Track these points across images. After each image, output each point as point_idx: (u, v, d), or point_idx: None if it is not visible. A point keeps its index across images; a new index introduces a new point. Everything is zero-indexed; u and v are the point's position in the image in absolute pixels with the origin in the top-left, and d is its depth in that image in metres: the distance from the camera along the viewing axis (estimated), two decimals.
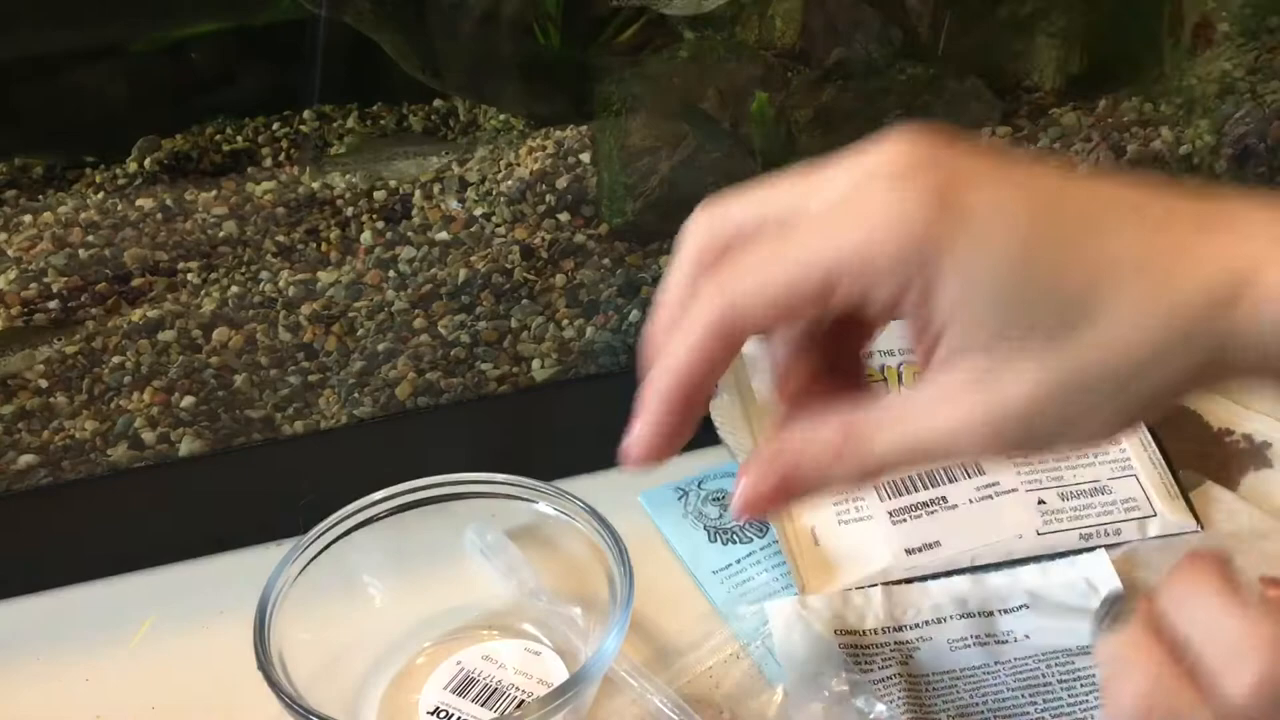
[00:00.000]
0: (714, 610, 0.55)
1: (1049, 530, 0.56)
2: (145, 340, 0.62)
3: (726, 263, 0.34)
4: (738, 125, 0.65)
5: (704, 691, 0.51)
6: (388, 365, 0.63)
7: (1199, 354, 0.32)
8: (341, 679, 0.52)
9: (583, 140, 0.65)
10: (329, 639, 0.52)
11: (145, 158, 0.67)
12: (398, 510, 0.54)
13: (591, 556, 0.52)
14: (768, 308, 0.33)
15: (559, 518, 0.54)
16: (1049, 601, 0.53)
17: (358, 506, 0.53)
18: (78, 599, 0.59)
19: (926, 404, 0.33)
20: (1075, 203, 0.32)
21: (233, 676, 0.53)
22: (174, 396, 0.61)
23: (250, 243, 0.64)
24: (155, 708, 0.54)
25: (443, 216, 0.65)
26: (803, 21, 0.66)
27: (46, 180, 0.66)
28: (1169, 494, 0.57)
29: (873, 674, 0.50)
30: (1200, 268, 0.31)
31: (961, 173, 0.32)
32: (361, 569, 0.54)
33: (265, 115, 0.68)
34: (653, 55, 0.66)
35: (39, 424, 0.60)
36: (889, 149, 0.33)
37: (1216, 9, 0.70)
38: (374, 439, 0.63)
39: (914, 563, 0.55)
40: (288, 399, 0.62)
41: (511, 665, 0.53)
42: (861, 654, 0.51)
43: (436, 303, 0.64)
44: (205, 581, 0.60)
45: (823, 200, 0.33)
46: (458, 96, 0.69)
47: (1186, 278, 0.31)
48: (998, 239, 0.31)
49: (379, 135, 0.69)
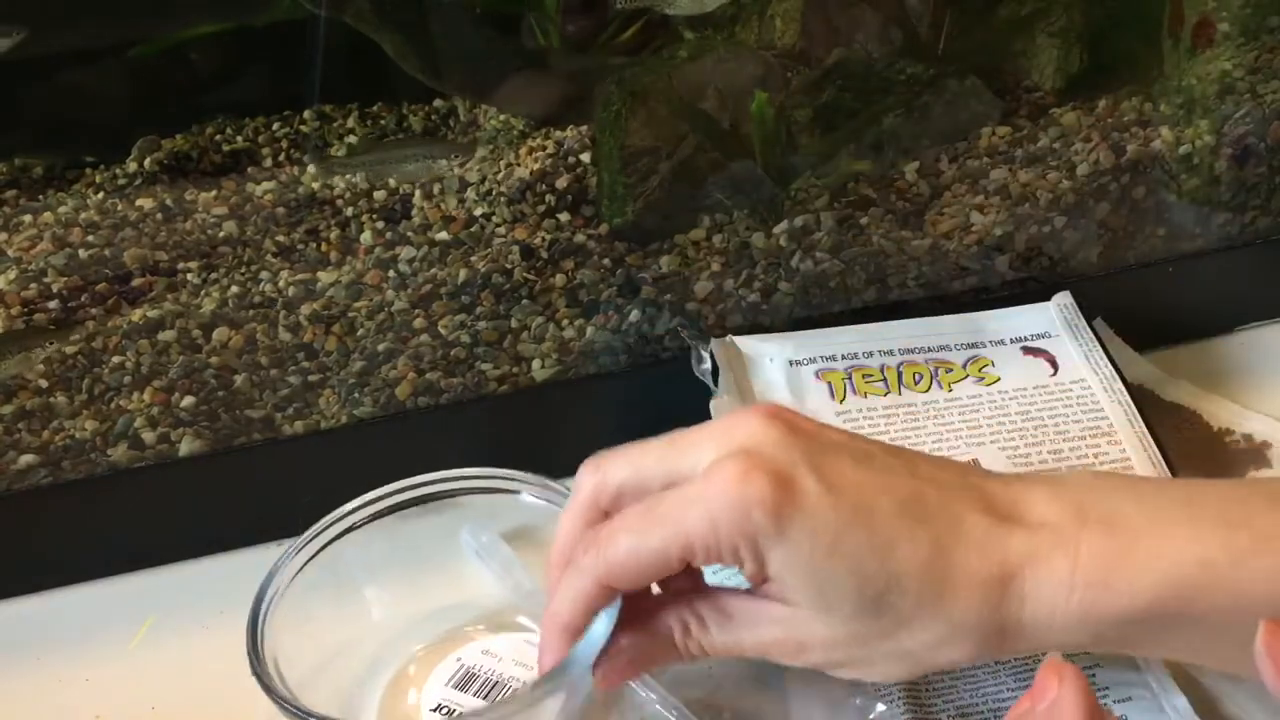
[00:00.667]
0: None
1: None
2: (145, 340, 0.62)
3: (605, 530, 0.43)
4: (738, 125, 0.65)
5: (704, 692, 0.51)
6: (388, 365, 0.63)
7: (977, 637, 0.41)
8: (338, 680, 0.52)
9: (583, 140, 0.65)
10: (324, 642, 0.52)
11: (145, 158, 0.67)
12: (391, 510, 0.54)
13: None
14: (637, 574, 0.42)
15: (549, 508, 0.53)
16: None
17: (349, 509, 0.53)
18: (78, 599, 0.59)
19: (754, 619, 0.43)
20: (882, 512, 0.40)
21: (232, 676, 0.53)
22: (174, 396, 0.61)
23: (250, 243, 0.64)
24: (155, 708, 0.54)
25: (443, 216, 0.65)
26: (802, 21, 0.66)
27: (46, 180, 0.66)
28: None
29: None
30: (979, 567, 0.40)
31: (800, 467, 0.41)
32: (356, 571, 0.54)
33: (265, 115, 0.68)
34: (653, 55, 0.66)
35: (39, 424, 0.60)
36: (747, 431, 0.42)
37: (1216, 9, 0.70)
38: (374, 439, 0.63)
39: None
40: (288, 399, 0.62)
41: (511, 658, 0.53)
42: None
43: (436, 303, 0.64)
44: (205, 581, 0.60)
45: (688, 468, 0.42)
46: (458, 96, 0.69)
47: (964, 583, 0.40)
48: (817, 537, 0.40)
49: (382, 137, 0.69)
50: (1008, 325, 0.64)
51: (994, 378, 0.62)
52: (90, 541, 0.60)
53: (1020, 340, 0.64)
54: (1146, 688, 0.48)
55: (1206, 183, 0.70)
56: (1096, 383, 0.61)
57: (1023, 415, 0.60)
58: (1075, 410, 0.60)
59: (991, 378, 0.62)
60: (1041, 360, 0.63)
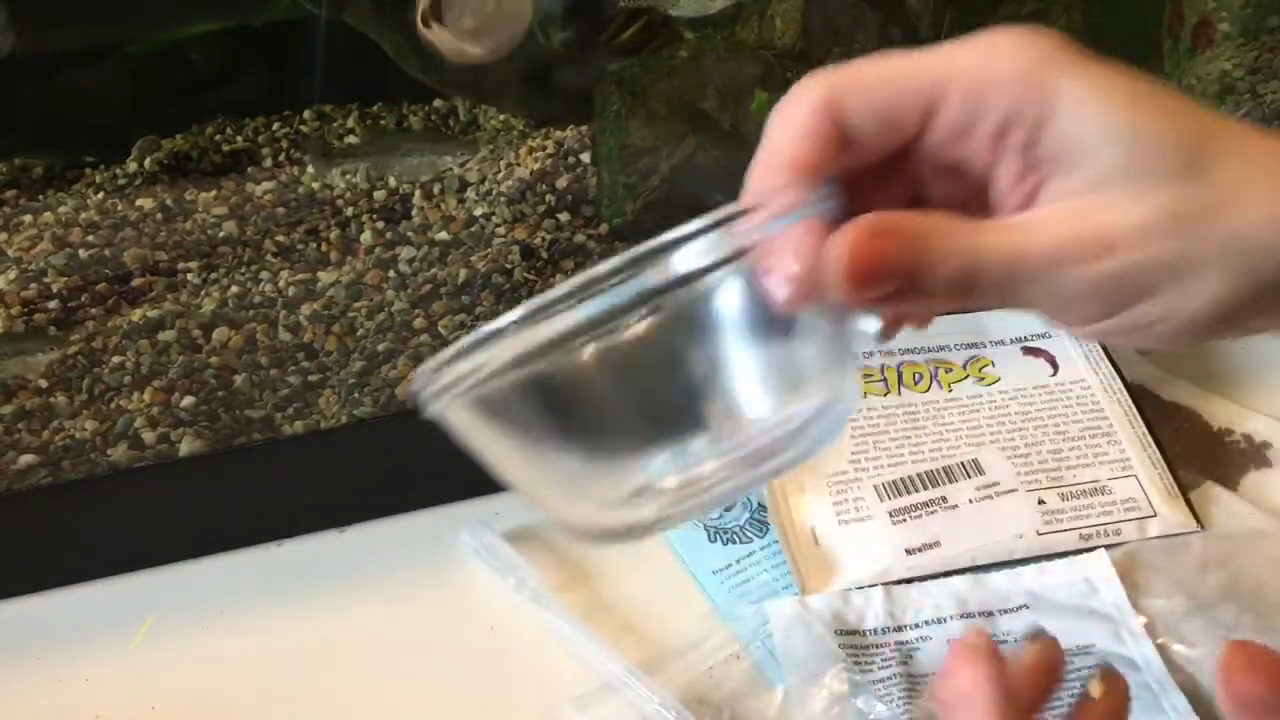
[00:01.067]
0: (714, 610, 0.55)
1: (1049, 530, 0.56)
2: (145, 340, 0.62)
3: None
4: (738, 125, 0.65)
5: (704, 692, 0.51)
6: (388, 365, 0.63)
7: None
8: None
9: (583, 140, 0.65)
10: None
11: (145, 158, 0.67)
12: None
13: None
14: (869, 101, 0.31)
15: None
16: (1049, 602, 0.53)
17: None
18: (78, 599, 0.59)
19: (1028, 224, 0.30)
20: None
21: (232, 677, 0.53)
22: (174, 396, 0.61)
23: (250, 243, 0.64)
24: (155, 708, 0.54)
25: (443, 216, 0.65)
26: (803, 21, 0.66)
27: (46, 180, 0.66)
28: (1169, 494, 0.57)
29: (873, 674, 0.50)
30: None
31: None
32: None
33: (265, 115, 0.68)
34: (653, 55, 0.66)
35: (39, 424, 0.60)
36: (1014, 30, 0.31)
37: (1216, 9, 0.70)
38: (374, 439, 0.63)
39: (914, 563, 0.55)
40: (288, 399, 0.62)
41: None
42: (861, 654, 0.51)
43: (437, 303, 0.64)
44: (205, 581, 0.60)
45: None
46: (458, 96, 0.69)
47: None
48: (1119, 81, 0.30)
49: (384, 134, 0.69)
50: (1008, 325, 0.64)
51: (994, 378, 0.62)
52: (90, 541, 0.60)
53: (1020, 340, 0.64)
54: (1147, 688, 0.48)
55: None
56: (1096, 383, 0.61)
57: (1023, 415, 0.60)
58: (1075, 410, 0.60)
59: (991, 378, 0.62)
60: (1041, 360, 0.63)
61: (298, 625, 0.56)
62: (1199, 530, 0.56)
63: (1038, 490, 0.57)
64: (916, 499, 0.57)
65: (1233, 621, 0.51)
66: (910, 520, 0.56)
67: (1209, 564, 0.53)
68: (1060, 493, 0.57)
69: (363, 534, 0.60)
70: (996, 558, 0.55)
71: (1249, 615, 0.51)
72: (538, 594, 0.55)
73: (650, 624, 0.55)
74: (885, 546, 0.55)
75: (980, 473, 0.58)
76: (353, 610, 0.56)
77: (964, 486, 0.57)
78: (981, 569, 0.55)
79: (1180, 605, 0.52)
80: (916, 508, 0.57)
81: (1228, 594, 0.52)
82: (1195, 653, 0.50)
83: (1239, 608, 0.52)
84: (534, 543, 0.57)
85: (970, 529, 0.56)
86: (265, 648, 0.55)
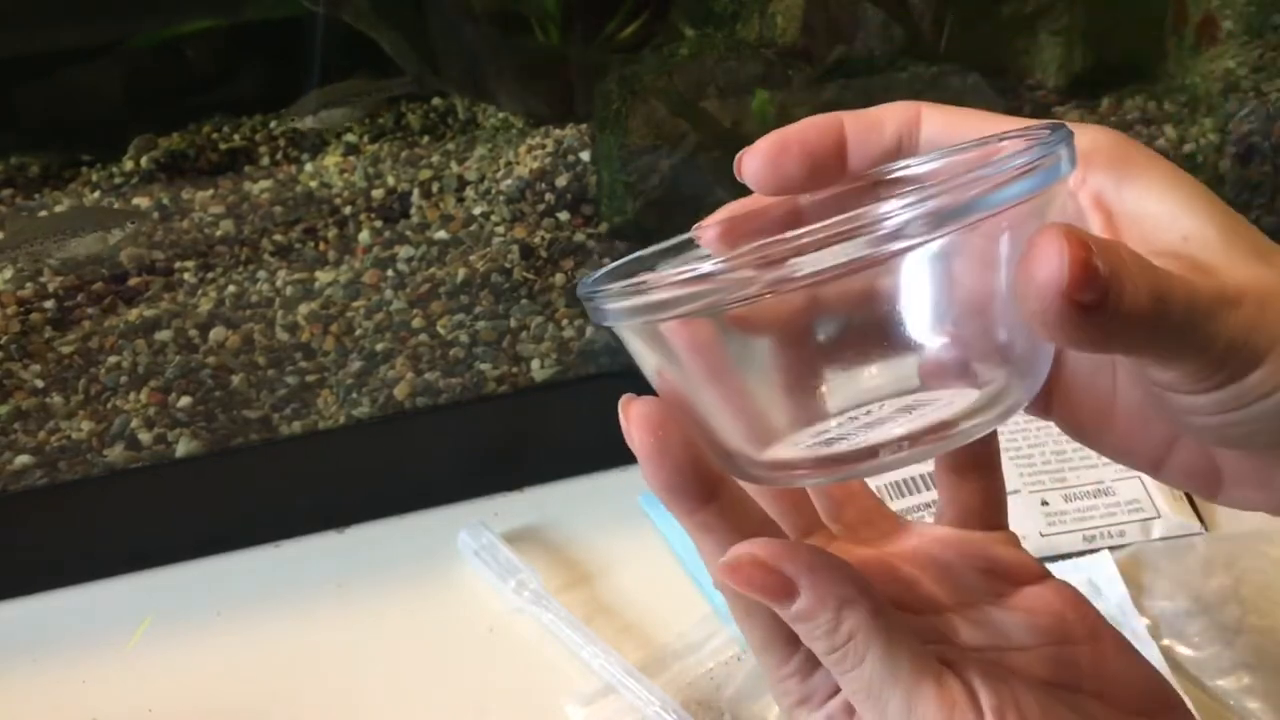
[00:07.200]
0: (715, 612, 0.55)
1: (1053, 532, 0.56)
2: (142, 340, 0.61)
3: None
4: (738, 124, 0.65)
5: (705, 694, 0.50)
6: (386, 365, 0.63)
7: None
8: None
9: (582, 139, 0.65)
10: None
11: (141, 156, 0.66)
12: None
13: None
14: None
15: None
16: None
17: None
18: (75, 599, 0.59)
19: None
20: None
21: (231, 677, 0.53)
22: (171, 397, 0.61)
23: (247, 242, 0.64)
24: (152, 709, 0.53)
25: (441, 216, 0.65)
26: (804, 19, 0.66)
27: (43, 179, 0.65)
28: (1172, 495, 0.57)
29: None
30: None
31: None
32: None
33: (263, 114, 0.68)
34: (653, 53, 0.65)
35: (35, 424, 0.60)
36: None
37: (1221, 7, 0.69)
38: (372, 439, 0.62)
39: None
40: (285, 399, 0.62)
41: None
42: None
43: (435, 302, 0.63)
44: (203, 582, 0.59)
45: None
46: (456, 94, 0.69)
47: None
48: (1183, 174, 0.29)
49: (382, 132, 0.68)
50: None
51: None
52: (87, 543, 0.59)
53: None
54: None
55: (1210, 181, 0.69)
56: None
57: (1025, 416, 0.60)
58: None
59: None
60: None
61: (296, 626, 0.56)
62: (1203, 532, 0.56)
63: (1041, 491, 0.57)
64: (918, 500, 0.57)
65: (1236, 623, 0.51)
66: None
67: (1213, 565, 0.53)
68: (1064, 494, 0.57)
69: (361, 534, 0.60)
70: None
71: (1253, 616, 0.51)
72: (537, 595, 0.54)
73: (650, 626, 0.55)
74: None
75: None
76: (351, 611, 0.56)
77: None
78: None
79: (1184, 606, 0.51)
80: (918, 509, 0.57)
81: (1231, 595, 0.52)
82: (1199, 654, 0.50)
83: (1243, 609, 0.51)
84: (533, 543, 0.57)
85: None
86: (263, 649, 0.55)
